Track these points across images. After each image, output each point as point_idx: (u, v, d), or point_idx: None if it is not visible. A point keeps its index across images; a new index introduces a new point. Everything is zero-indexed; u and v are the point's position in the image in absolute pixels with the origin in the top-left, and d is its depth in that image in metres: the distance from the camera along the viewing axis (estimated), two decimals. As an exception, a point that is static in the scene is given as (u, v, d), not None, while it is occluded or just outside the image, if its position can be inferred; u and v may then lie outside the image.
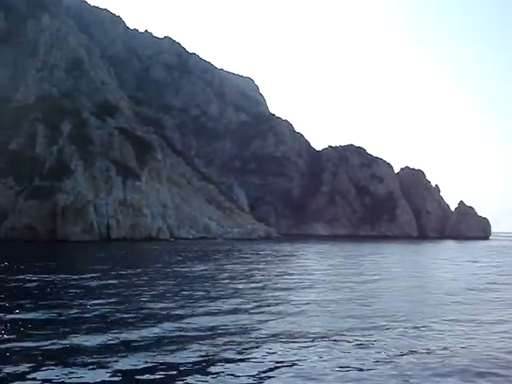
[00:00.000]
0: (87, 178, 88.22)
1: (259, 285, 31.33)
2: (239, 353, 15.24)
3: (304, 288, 30.40)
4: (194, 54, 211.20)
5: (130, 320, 19.33)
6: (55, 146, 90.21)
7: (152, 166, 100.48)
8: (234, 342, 16.45)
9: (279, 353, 15.34)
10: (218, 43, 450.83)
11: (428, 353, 15.77)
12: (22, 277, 31.37)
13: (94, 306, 21.93)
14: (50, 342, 15.82)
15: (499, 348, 16.62)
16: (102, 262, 47.60)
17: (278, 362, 14.38)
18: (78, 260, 53.45)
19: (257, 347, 15.94)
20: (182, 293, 26.77)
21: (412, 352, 15.78)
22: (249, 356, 14.99)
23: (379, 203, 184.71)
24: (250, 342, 16.59)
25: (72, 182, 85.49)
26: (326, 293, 28.49)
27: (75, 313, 20.65)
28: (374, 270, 43.95)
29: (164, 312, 21.14)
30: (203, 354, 15.06)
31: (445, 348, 16.35)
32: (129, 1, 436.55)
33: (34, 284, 28.87)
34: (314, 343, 16.56)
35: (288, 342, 16.57)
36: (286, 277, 36.97)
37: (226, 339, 16.72)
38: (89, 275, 33.25)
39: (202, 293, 26.97)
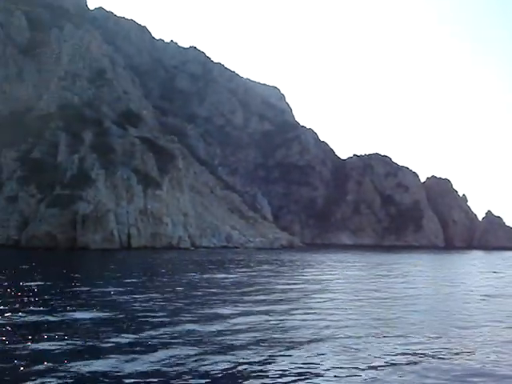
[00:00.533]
0: (108, 186, 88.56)
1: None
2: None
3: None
4: (219, 63, 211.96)
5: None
6: (76, 155, 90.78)
7: (173, 175, 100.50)
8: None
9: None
10: (244, 53, 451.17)
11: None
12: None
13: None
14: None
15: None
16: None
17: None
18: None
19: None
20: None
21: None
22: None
23: (405, 213, 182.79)
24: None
25: (93, 190, 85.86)
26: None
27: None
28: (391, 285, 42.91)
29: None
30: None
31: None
32: (155, 11, 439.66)
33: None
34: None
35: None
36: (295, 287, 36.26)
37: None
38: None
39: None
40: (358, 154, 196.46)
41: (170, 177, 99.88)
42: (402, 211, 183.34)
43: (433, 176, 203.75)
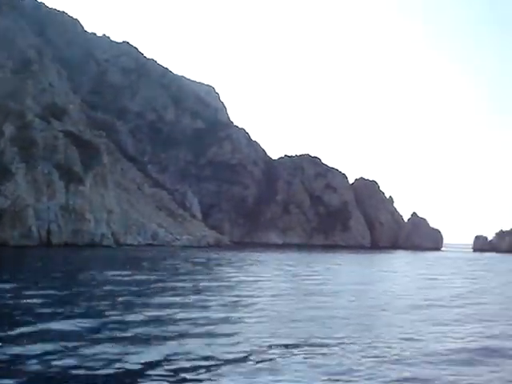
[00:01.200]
0: (28, 181, 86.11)
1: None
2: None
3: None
4: (152, 59, 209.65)
5: None
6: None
7: (98, 171, 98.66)
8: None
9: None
10: (179, 51, 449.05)
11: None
12: None
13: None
14: None
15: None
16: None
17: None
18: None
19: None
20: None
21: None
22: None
23: (333, 213, 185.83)
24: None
25: (12, 184, 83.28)
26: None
27: None
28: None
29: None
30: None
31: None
32: (87, 4, 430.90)
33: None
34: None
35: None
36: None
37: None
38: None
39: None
40: (289, 155, 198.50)
41: (95, 172, 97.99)
42: (330, 212, 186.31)
43: (361, 178, 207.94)
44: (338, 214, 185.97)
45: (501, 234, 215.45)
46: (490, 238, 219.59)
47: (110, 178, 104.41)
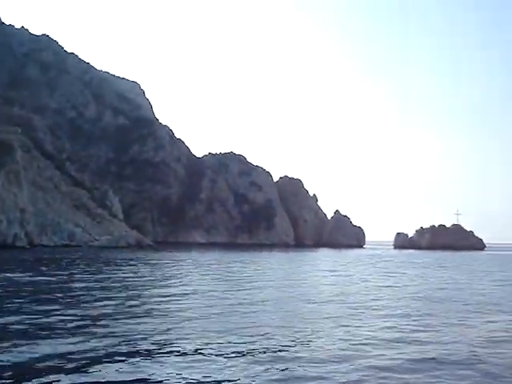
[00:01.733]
0: None
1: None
2: None
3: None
4: (73, 53, 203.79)
5: None
6: None
7: (10, 169, 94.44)
8: None
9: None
10: (104, 46, 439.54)
11: None
12: None
13: None
14: None
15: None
16: None
17: None
18: None
19: None
20: None
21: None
22: None
23: (258, 211, 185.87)
24: None
25: None
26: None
27: None
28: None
29: None
30: None
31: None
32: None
33: None
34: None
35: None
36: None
37: None
38: None
39: None
40: (214, 153, 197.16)
41: (7, 170, 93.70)
42: (255, 210, 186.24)
43: (285, 176, 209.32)
44: (262, 212, 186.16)
45: (421, 232, 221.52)
46: (410, 235, 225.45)
47: (25, 175, 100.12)
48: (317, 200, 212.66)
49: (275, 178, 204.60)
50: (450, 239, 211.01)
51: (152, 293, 30.70)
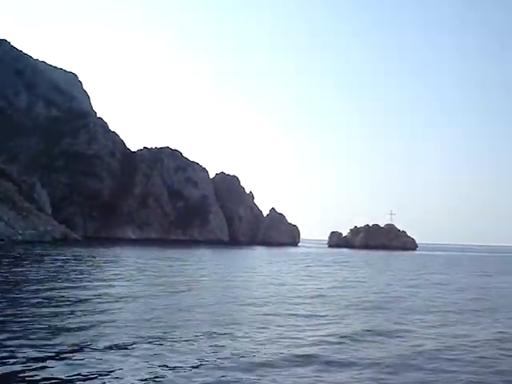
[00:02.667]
0: None
1: None
2: None
3: None
4: (5, 40, 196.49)
5: None
6: None
7: None
8: None
9: None
10: (42, 35, 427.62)
11: None
12: None
13: None
14: None
15: None
16: None
17: None
18: None
19: None
20: None
21: None
22: None
23: (192, 207, 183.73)
24: None
25: None
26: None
27: None
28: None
29: None
30: None
31: None
32: None
33: None
34: None
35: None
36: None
37: None
38: None
39: None
40: (149, 147, 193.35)
41: None
42: (189, 206, 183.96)
43: (221, 172, 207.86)
44: (197, 208, 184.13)
45: (355, 231, 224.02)
46: (344, 234, 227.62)
47: None
48: (253, 197, 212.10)
49: (211, 175, 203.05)
50: (383, 239, 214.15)
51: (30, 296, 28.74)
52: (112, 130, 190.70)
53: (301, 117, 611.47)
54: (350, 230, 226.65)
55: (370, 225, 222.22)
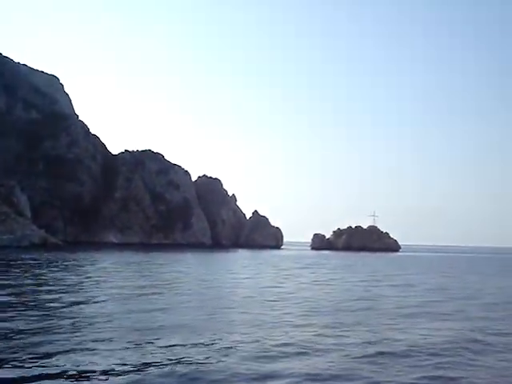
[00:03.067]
0: None
1: None
2: None
3: None
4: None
5: None
6: None
7: None
8: None
9: None
10: (24, 39, 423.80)
11: None
12: None
13: None
14: None
15: None
16: None
17: None
18: None
19: None
20: None
21: None
22: None
23: (174, 211, 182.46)
24: None
25: None
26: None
27: None
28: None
29: None
30: None
31: None
32: None
33: None
34: None
35: None
36: None
37: None
38: None
39: None
40: (130, 150, 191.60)
41: None
42: (171, 209, 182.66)
43: (204, 175, 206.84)
44: (179, 211, 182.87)
45: (338, 233, 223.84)
46: (327, 236, 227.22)
47: None
48: (236, 200, 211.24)
49: (194, 177, 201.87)
50: (365, 240, 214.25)
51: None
52: (93, 133, 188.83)
53: (288, 117, 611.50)
54: (333, 232, 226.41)
55: (353, 227, 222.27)
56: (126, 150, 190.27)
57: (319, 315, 26.54)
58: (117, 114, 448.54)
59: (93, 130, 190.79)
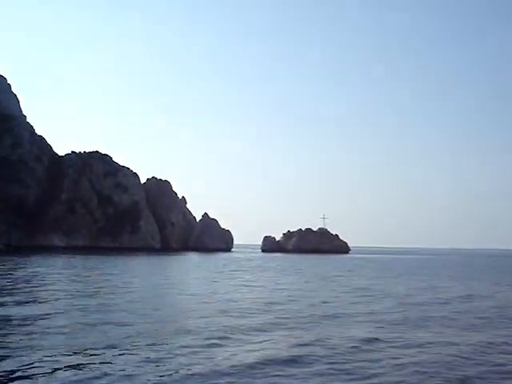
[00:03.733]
0: None
1: None
2: None
3: None
4: None
5: None
6: None
7: None
8: None
9: None
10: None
11: None
12: None
13: None
14: None
15: None
16: None
17: None
18: None
19: None
20: None
21: None
22: None
23: (123, 213, 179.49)
24: None
25: None
26: None
27: None
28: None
29: None
30: None
31: None
32: None
33: None
34: None
35: None
36: None
37: None
38: None
39: None
40: (77, 151, 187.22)
41: None
42: (119, 212, 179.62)
43: (153, 177, 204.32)
44: (127, 214, 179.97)
45: (288, 235, 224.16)
46: (278, 238, 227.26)
47: None
48: (186, 202, 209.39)
49: (143, 180, 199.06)
50: (315, 243, 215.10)
51: None
52: (39, 133, 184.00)
53: (234, 116, 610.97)
54: (284, 234, 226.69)
55: (303, 229, 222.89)
56: (72, 152, 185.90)
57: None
58: (65, 114, 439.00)
59: (42, 132, 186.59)
